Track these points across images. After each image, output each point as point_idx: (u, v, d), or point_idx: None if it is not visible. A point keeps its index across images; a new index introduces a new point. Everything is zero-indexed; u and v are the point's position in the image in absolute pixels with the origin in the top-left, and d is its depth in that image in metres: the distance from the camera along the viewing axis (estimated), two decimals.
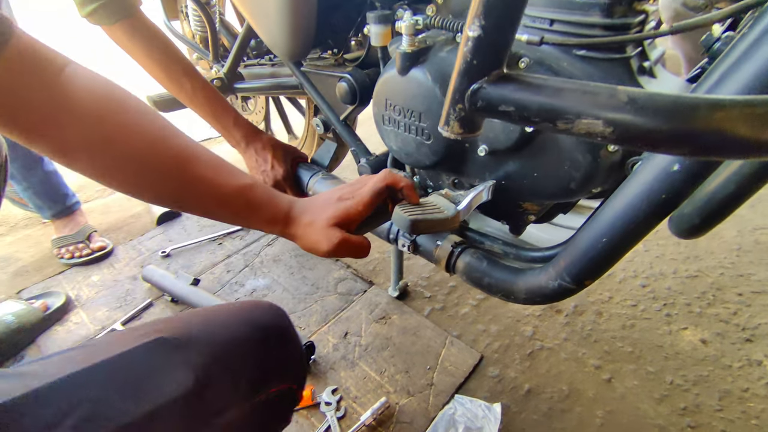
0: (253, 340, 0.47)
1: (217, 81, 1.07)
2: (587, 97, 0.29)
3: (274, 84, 1.08)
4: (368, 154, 0.94)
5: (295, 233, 0.56)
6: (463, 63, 0.33)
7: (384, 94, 0.74)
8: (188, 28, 1.30)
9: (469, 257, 0.75)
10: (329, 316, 1.11)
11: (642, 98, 0.27)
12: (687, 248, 1.28)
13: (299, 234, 0.56)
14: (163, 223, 1.50)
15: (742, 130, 0.25)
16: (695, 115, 0.26)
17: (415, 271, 1.24)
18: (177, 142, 0.49)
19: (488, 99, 0.33)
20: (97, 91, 0.45)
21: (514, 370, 0.96)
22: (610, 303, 1.12)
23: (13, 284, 1.28)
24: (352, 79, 0.86)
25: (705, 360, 0.97)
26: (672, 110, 0.26)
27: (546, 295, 0.65)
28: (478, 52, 0.32)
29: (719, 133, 0.26)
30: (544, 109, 0.30)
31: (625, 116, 0.28)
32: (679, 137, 0.27)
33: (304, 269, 1.27)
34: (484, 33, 0.30)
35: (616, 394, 0.91)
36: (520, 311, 1.10)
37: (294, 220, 0.56)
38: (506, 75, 0.33)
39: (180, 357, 0.40)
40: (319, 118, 1.02)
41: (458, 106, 0.34)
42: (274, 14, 0.82)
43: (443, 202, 0.62)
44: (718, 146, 0.26)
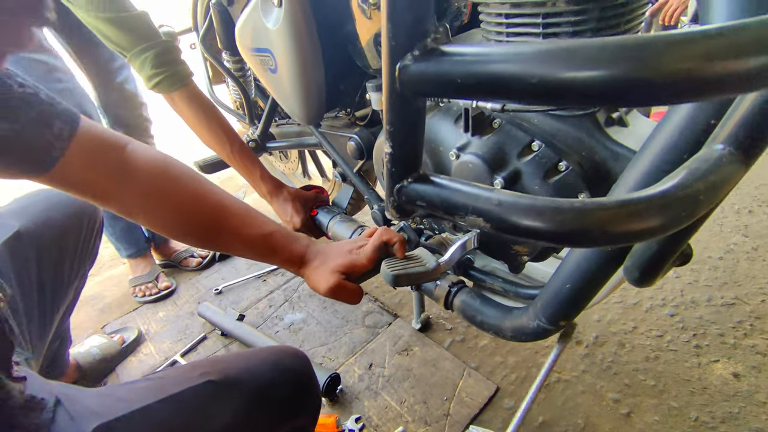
0: (281, 384, 0.58)
1: (252, 142, 1.25)
2: (471, 198, 0.37)
3: (298, 143, 1.23)
4: (380, 201, 1.04)
5: (305, 273, 0.69)
6: (387, 171, 0.42)
7: (380, 153, 0.84)
8: (230, 95, 1.51)
9: (465, 296, 0.81)
10: (356, 348, 1.21)
11: (508, 200, 0.35)
12: (725, 273, 1.22)
13: (308, 274, 0.69)
14: (222, 260, 1.71)
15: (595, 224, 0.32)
16: (543, 218, 0.33)
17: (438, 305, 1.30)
18: (214, 198, 0.65)
19: (408, 196, 0.42)
20: (155, 160, 0.62)
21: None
22: (634, 333, 1.10)
23: (100, 320, 1.53)
24: (359, 139, 0.98)
25: (736, 396, 0.93)
26: (531, 210, 0.34)
27: (528, 334, 0.70)
28: (395, 164, 0.41)
29: (571, 228, 0.33)
30: (445, 205, 0.39)
31: (496, 215, 0.35)
32: (541, 233, 0.34)
33: (336, 303, 1.38)
34: (394, 151, 0.40)
35: (635, 429, 0.90)
36: (540, 343, 1.12)
37: (307, 263, 0.70)
38: (420, 176, 0.42)
39: (223, 397, 0.51)
40: (337, 171, 1.14)
41: (391, 198, 0.44)
42: (289, 91, 0.97)
43: (427, 256, 0.70)
44: (571, 237, 0.33)
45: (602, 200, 0.32)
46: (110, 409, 0.46)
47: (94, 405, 0.47)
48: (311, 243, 0.72)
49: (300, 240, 0.71)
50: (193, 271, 1.68)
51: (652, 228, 0.31)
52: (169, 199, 0.62)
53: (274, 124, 1.35)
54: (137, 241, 1.59)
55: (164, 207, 0.62)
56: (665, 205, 0.31)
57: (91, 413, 0.45)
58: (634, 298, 1.20)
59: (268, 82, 1.03)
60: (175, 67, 0.98)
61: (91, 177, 0.56)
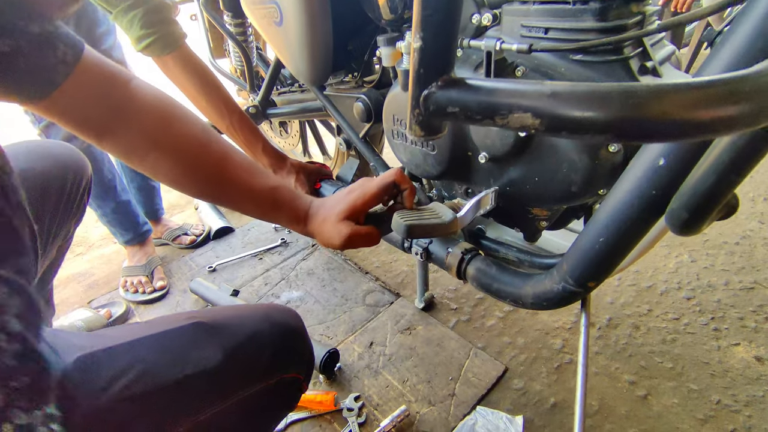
0: (270, 333, 0.54)
1: (252, 108, 1.18)
2: (517, 93, 0.31)
3: (301, 108, 1.17)
4: (386, 169, 0.98)
5: (313, 231, 0.63)
6: (414, 73, 0.36)
7: (391, 110, 0.79)
8: (231, 64, 1.45)
9: (479, 263, 0.76)
10: (356, 326, 1.15)
11: (563, 90, 0.30)
12: (742, 258, 1.18)
13: (316, 231, 0.63)
14: (217, 238, 1.64)
15: (655, 114, 0.27)
16: (610, 103, 0.28)
17: (442, 283, 1.25)
18: (219, 146, 0.59)
19: (437, 103, 0.36)
20: (159, 100, 0.56)
21: (540, 383, 0.93)
22: (649, 316, 1.05)
23: (86, 295, 1.46)
24: (367, 99, 0.92)
25: (760, 379, 0.88)
26: (589, 99, 0.28)
27: (551, 300, 0.65)
28: (423, 61, 0.35)
29: (634, 117, 0.27)
30: (482, 107, 0.33)
31: (549, 107, 0.30)
32: (597, 123, 0.28)
33: (336, 282, 1.33)
34: (425, 44, 0.34)
35: (653, 412, 0.85)
36: (550, 324, 1.07)
37: (311, 219, 0.63)
38: (452, 80, 0.36)
39: (212, 338, 0.48)
40: (341, 138, 1.08)
41: (416, 111, 0.38)
42: (295, 45, 0.91)
43: (443, 210, 0.65)
44: (635, 129, 0.28)
45: (686, 81, 0.26)
46: (94, 343, 0.43)
47: (77, 340, 0.44)
48: (313, 199, 0.66)
49: (303, 197, 0.65)
50: (186, 248, 1.61)
51: (744, 115, 0.26)
52: (172, 141, 0.56)
53: (276, 93, 1.29)
54: (134, 226, 1.49)
55: (166, 150, 0.56)
56: (762, 87, 0.26)
57: (73, 346, 0.41)
58: (648, 281, 1.15)
59: (272, 37, 0.97)
60: (166, 27, 0.89)
61: (92, 108, 0.51)
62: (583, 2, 0.58)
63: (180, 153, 0.57)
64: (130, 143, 0.54)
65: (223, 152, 0.60)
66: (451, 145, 0.72)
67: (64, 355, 0.39)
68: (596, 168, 0.60)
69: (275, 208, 0.63)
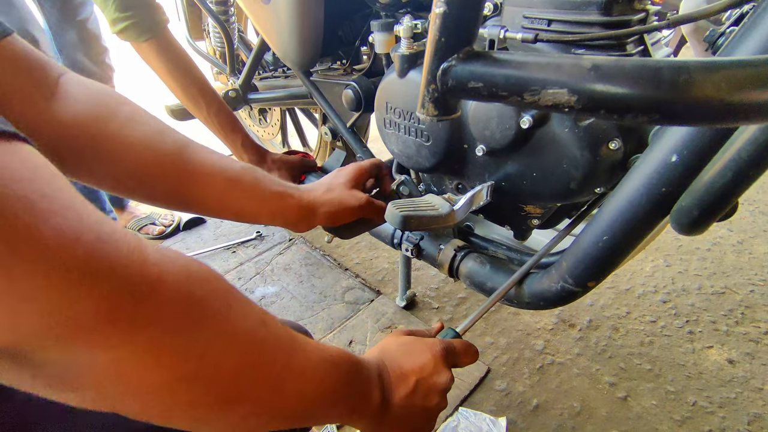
0: None
1: (232, 92, 1.12)
2: (551, 68, 0.29)
3: (285, 94, 1.11)
4: None
5: (315, 200, 0.57)
6: (433, 43, 0.33)
7: (385, 97, 0.75)
8: (210, 46, 1.37)
9: (472, 261, 0.73)
10: (335, 324, 1.11)
11: (606, 64, 0.27)
12: (713, 264, 1.21)
13: (320, 202, 0.57)
14: (188, 228, 1.55)
15: (708, 93, 0.24)
16: (660, 79, 0.25)
17: (424, 281, 1.23)
18: (174, 136, 0.50)
19: (458, 77, 0.33)
20: (92, 94, 0.45)
21: (523, 384, 0.92)
22: (628, 318, 1.06)
23: None
24: (357, 87, 0.88)
25: (732, 381, 0.90)
26: (636, 75, 0.26)
27: (549, 299, 0.63)
28: (445, 30, 0.32)
29: (686, 96, 0.25)
30: (510, 82, 0.30)
31: (589, 83, 0.27)
32: (644, 102, 0.26)
33: (314, 277, 1.28)
34: (449, 8, 0.31)
35: (632, 413, 0.85)
36: (531, 324, 1.06)
37: (308, 193, 0.58)
38: (475, 52, 0.33)
39: None
40: (327, 127, 1.04)
41: (431, 86, 0.35)
42: (283, 26, 0.86)
43: (439, 201, 0.62)
44: (685, 110, 0.25)
45: (741, 58, 0.24)
46: None
47: None
48: (295, 185, 0.60)
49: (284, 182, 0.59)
50: (154, 239, 1.52)
51: None
52: (115, 133, 0.45)
53: (258, 77, 1.23)
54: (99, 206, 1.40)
55: (108, 144, 0.45)
56: None
57: None
58: (626, 284, 1.16)
59: (258, 16, 0.91)
60: (145, 11, 0.81)
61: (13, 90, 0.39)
62: None
63: (124, 148, 0.46)
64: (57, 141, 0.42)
65: (181, 139, 0.50)
66: (447, 136, 0.70)
67: None
68: (597, 165, 0.59)
69: (256, 190, 0.55)
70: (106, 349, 0.21)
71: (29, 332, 0.19)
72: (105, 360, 0.21)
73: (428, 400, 0.43)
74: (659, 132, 0.49)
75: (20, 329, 0.19)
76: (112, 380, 0.22)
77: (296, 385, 0.32)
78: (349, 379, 0.37)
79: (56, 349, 0.20)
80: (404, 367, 0.43)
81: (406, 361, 0.43)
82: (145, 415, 0.25)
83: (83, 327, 0.20)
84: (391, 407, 0.41)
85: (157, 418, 0.25)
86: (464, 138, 0.69)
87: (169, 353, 0.23)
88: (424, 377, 0.42)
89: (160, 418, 0.25)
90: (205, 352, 0.25)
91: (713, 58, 0.24)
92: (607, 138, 0.59)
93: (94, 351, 0.21)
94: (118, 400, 0.24)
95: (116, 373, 0.22)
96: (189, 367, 0.24)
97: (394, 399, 0.41)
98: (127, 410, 0.24)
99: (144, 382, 0.23)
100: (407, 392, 0.41)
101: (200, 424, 0.27)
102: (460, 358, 0.48)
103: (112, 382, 0.22)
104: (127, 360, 0.22)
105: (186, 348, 0.24)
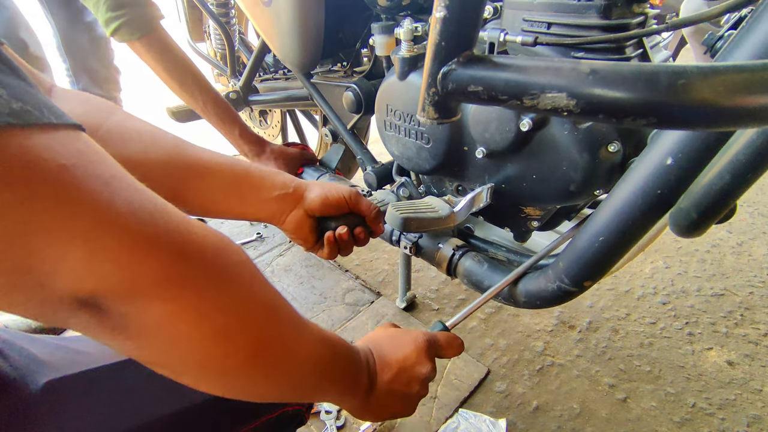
0: None
1: (233, 94, 1.12)
2: (550, 72, 0.29)
3: (286, 96, 1.12)
4: (374, 163, 0.95)
5: (307, 184, 0.58)
6: (433, 46, 0.33)
7: (385, 99, 0.76)
8: (211, 48, 1.37)
9: (470, 260, 0.74)
10: (335, 325, 1.11)
11: (604, 69, 0.27)
12: (712, 266, 1.22)
13: (313, 184, 0.58)
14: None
15: (705, 98, 0.25)
16: (657, 83, 0.25)
17: (424, 283, 1.23)
18: (166, 140, 0.49)
19: (458, 80, 0.33)
20: (82, 105, 0.46)
21: (522, 385, 0.92)
22: (627, 320, 1.06)
23: None
24: (358, 89, 0.88)
25: (732, 383, 0.90)
26: (634, 79, 0.26)
27: (545, 298, 0.63)
28: (446, 34, 0.32)
29: (682, 100, 0.25)
30: (510, 86, 0.30)
31: (588, 88, 0.27)
32: (641, 106, 0.26)
33: (314, 279, 1.28)
34: (449, 13, 0.31)
35: (632, 415, 0.85)
36: (531, 326, 1.07)
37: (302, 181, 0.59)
38: (475, 56, 0.33)
39: None
40: (327, 128, 1.04)
41: (432, 90, 0.35)
42: (284, 28, 0.86)
43: (439, 203, 0.62)
44: (682, 114, 0.25)
45: (738, 63, 0.25)
46: (65, 362, 0.36)
47: (45, 354, 0.36)
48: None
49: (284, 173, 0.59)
50: None
51: None
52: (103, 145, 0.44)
53: (258, 79, 1.23)
54: None
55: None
56: None
57: (40, 364, 0.35)
58: (626, 286, 1.16)
59: (258, 18, 0.92)
60: (136, 9, 0.81)
61: None
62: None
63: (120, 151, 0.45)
64: None
65: (174, 147, 0.49)
66: (447, 138, 0.70)
67: (27, 377, 0.33)
68: (596, 167, 0.59)
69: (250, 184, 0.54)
70: (163, 302, 0.25)
71: (107, 285, 0.23)
72: (161, 312, 0.25)
73: (409, 387, 0.45)
74: (657, 134, 0.50)
75: (101, 283, 0.23)
76: (164, 330, 0.26)
77: (304, 349, 0.35)
78: (345, 360, 0.40)
79: (125, 301, 0.24)
80: (389, 356, 0.45)
81: (390, 351, 0.46)
82: (185, 366, 0.28)
83: (147, 282, 0.24)
84: (375, 391, 0.43)
85: (195, 370, 0.29)
86: (464, 140, 0.69)
87: (209, 308, 0.27)
88: (406, 366, 0.45)
89: (198, 370, 0.29)
90: (235, 309, 0.29)
91: (710, 63, 0.25)
92: (607, 140, 0.59)
93: (154, 303, 0.25)
94: (166, 351, 0.27)
95: (168, 324, 0.26)
96: (224, 321, 0.28)
97: (378, 384, 0.44)
98: (173, 362, 0.28)
99: (189, 334, 0.26)
100: (389, 378, 0.44)
101: (230, 378, 0.30)
102: (443, 350, 0.50)
103: (164, 332, 0.26)
104: (178, 312, 0.26)
105: (221, 304, 0.28)
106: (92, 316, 0.24)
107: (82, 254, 0.22)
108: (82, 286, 0.22)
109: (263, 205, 0.54)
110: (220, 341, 0.28)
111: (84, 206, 0.22)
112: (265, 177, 0.54)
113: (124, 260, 0.23)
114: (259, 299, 0.31)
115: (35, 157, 0.21)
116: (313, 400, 0.42)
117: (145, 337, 0.25)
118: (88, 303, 0.23)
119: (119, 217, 0.23)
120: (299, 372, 0.35)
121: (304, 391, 0.37)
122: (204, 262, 0.27)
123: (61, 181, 0.21)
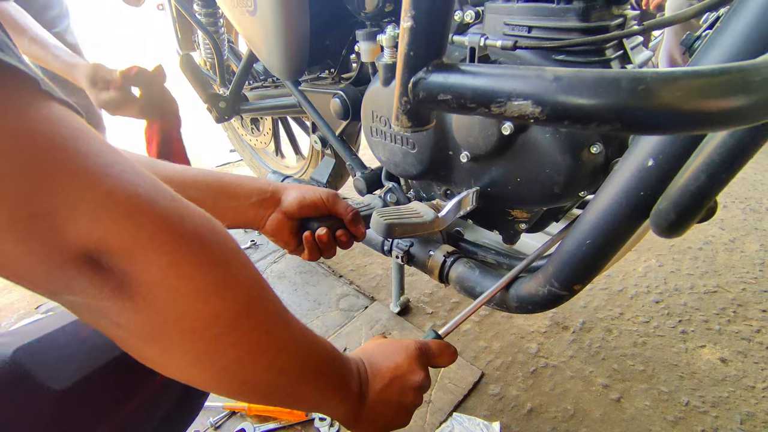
0: None
1: (223, 102, 1.12)
2: (516, 79, 0.29)
3: (275, 104, 1.12)
4: (363, 168, 0.95)
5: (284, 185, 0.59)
6: (403, 56, 0.34)
7: (370, 106, 0.76)
8: (201, 58, 1.38)
9: (462, 267, 0.74)
10: (329, 331, 1.11)
11: (567, 76, 0.27)
12: (705, 263, 1.22)
13: (290, 186, 0.59)
14: None
15: (665, 102, 0.25)
16: (618, 89, 0.26)
17: (418, 287, 1.23)
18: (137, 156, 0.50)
19: (428, 89, 0.33)
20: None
21: (516, 388, 0.92)
22: (621, 319, 1.06)
23: (34, 300, 1.34)
24: (345, 95, 0.89)
25: (725, 380, 0.90)
26: (596, 85, 0.26)
27: (537, 303, 0.63)
28: (414, 44, 0.33)
29: (644, 105, 0.25)
30: (478, 94, 0.31)
31: (551, 95, 0.28)
32: (605, 112, 0.26)
33: (308, 285, 1.28)
34: (416, 23, 0.31)
35: (626, 415, 0.85)
36: (525, 328, 1.07)
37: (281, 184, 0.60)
38: (444, 65, 0.33)
39: None
40: (317, 135, 1.04)
41: (404, 99, 0.35)
42: (269, 37, 0.87)
43: (423, 209, 0.62)
44: (645, 119, 0.26)
45: (696, 68, 0.25)
46: (27, 335, 0.38)
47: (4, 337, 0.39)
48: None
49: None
50: None
51: (756, 106, 0.24)
52: None
53: (248, 87, 1.24)
54: None
55: None
56: None
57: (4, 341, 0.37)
58: (619, 285, 1.17)
59: (244, 27, 0.92)
60: None
61: None
62: (567, 1, 0.58)
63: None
64: None
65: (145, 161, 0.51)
66: (432, 143, 0.70)
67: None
68: (579, 169, 0.60)
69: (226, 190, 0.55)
70: (160, 255, 0.27)
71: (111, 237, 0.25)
72: (158, 266, 0.27)
73: (403, 397, 0.45)
74: (637, 136, 0.50)
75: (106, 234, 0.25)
76: (161, 285, 0.27)
77: (290, 332, 0.35)
78: (333, 360, 0.40)
79: (126, 257, 0.26)
80: (380, 365, 0.45)
81: (382, 360, 0.46)
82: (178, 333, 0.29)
83: (146, 237, 0.26)
84: (367, 401, 0.43)
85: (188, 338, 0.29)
86: (449, 145, 0.70)
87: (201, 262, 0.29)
88: (398, 376, 0.45)
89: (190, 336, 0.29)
90: (224, 267, 0.30)
91: (669, 69, 0.25)
92: (588, 142, 0.59)
93: (152, 258, 0.26)
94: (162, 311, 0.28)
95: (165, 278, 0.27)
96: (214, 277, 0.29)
97: (370, 394, 0.43)
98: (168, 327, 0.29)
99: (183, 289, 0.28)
100: (381, 387, 0.43)
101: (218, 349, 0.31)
102: (436, 358, 0.50)
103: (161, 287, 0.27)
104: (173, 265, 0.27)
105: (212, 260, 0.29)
106: (95, 274, 0.26)
107: (92, 207, 0.24)
108: (90, 237, 0.25)
109: (241, 212, 0.55)
110: (210, 296, 0.29)
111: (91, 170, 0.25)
112: (242, 185, 0.55)
113: (127, 216, 0.26)
114: (245, 262, 0.32)
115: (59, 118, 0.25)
116: (302, 400, 0.38)
117: (143, 296, 0.27)
118: (92, 260, 0.25)
119: (122, 175, 0.26)
120: (286, 357, 0.34)
121: (290, 384, 0.35)
122: (194, 223, 0.29)
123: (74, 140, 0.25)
